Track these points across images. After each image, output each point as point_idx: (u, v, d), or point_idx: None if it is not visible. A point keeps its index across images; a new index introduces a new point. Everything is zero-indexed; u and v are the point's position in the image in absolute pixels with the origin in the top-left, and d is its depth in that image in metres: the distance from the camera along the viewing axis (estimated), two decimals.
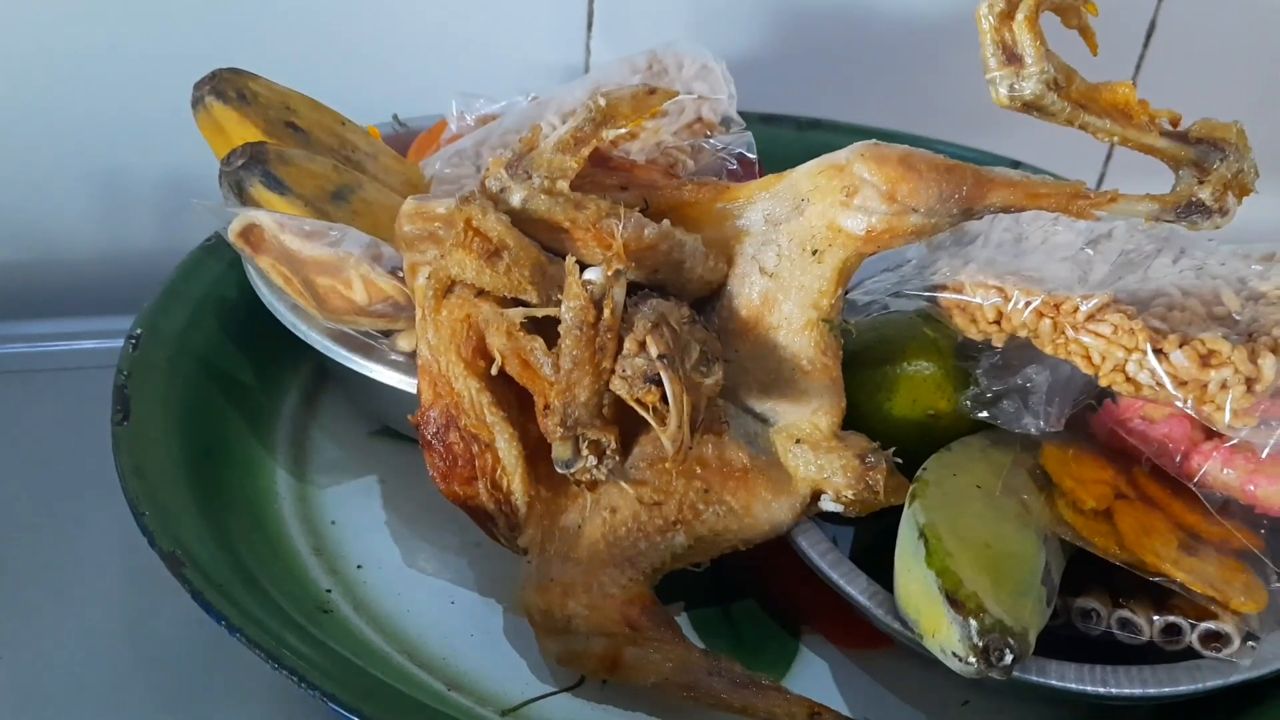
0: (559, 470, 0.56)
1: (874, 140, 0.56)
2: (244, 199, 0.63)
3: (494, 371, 0.56)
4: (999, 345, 0.59)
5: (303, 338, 0.65)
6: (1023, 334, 0.58)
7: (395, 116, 0.84)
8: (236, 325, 0.72)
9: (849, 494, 0.57)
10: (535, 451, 0.57)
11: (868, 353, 0.62)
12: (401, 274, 0.59)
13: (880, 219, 0.54)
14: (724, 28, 0.99)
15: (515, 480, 0.56)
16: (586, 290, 0.53)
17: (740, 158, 0.66)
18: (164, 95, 0.79)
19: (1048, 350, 0.57)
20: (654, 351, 0.53)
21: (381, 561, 0.62)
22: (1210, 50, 0.99)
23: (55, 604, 0.60)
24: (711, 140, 0.66)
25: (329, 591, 0.59)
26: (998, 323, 0.59)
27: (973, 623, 0.48)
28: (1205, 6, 0.98)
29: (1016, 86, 0.49)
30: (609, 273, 0.53)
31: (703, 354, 0.55)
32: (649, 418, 0.53)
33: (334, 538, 0.63)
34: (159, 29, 0.88)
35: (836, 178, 0.55)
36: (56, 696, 0.56)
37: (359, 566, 0.62)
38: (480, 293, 0.55)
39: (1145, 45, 0.99)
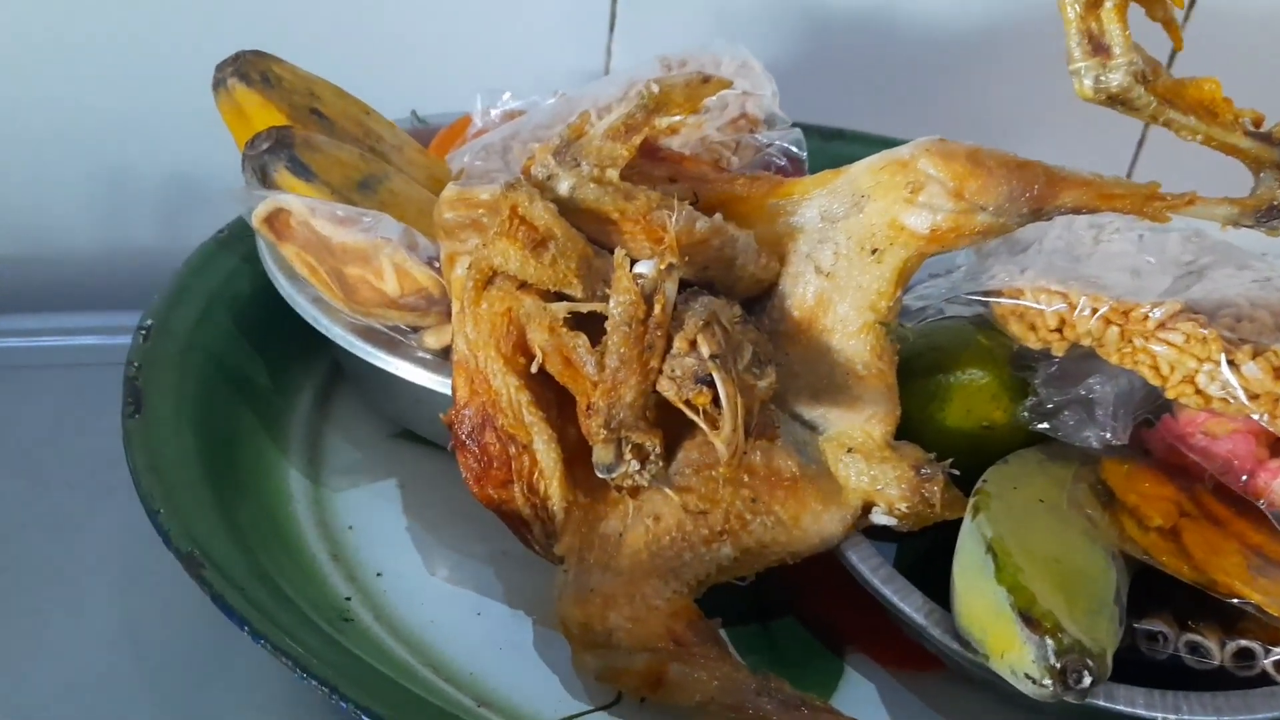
0: (600, 475, 0.52)
1: (939, 136, 0.53)
2: (268, 184, 0.60)
3: (534, 369, 0.53)
4: (1059, 354, 0.57)
5: (324, 331, 0.61)
6: (1086, 342, 0.56)
7: (414, 112, 0.82)
8: (249, 321, 0.69)
9: (903, 506, 0.55)
10: (574, 455, 0.54)
11: (919, 360, 0.59)
12: (437, 265, 0.55)
13: (946, 217, 0.52)
14: (746, 34, 0.96)
15: (553, 484, 0.53)
16: (637, 284, 0.50)
17: (788, 154, 0.63)
18: (173, 90, 0.77)
19: (1113, 359, 0.55)
20: (706, 351, 0.50)
21: (402, 570, 0.59)
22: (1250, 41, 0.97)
23: (54, 605, 0.56)
24: (757, 136, 0.63)
25: (349, 600, 0.56)
26: (1059, 330, 0.56)
27: (1049, 642, 0.46)
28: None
29: (1103, 79, 0.47)
30: (661, 266, 0.50)
31: (755, 355, 0.52)
32: (699, 421, 0.50)
33: (351, 544, 0.60)
34: (170, 21, 0.85)
35: (900, 173, 0.53)
36: (54, 699, 0.52)
37: (379, 574, 0.58)
38: (522, 285, 0.52)
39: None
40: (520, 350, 0.53)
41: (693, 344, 0.51)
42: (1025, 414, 0.57)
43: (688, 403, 0.51)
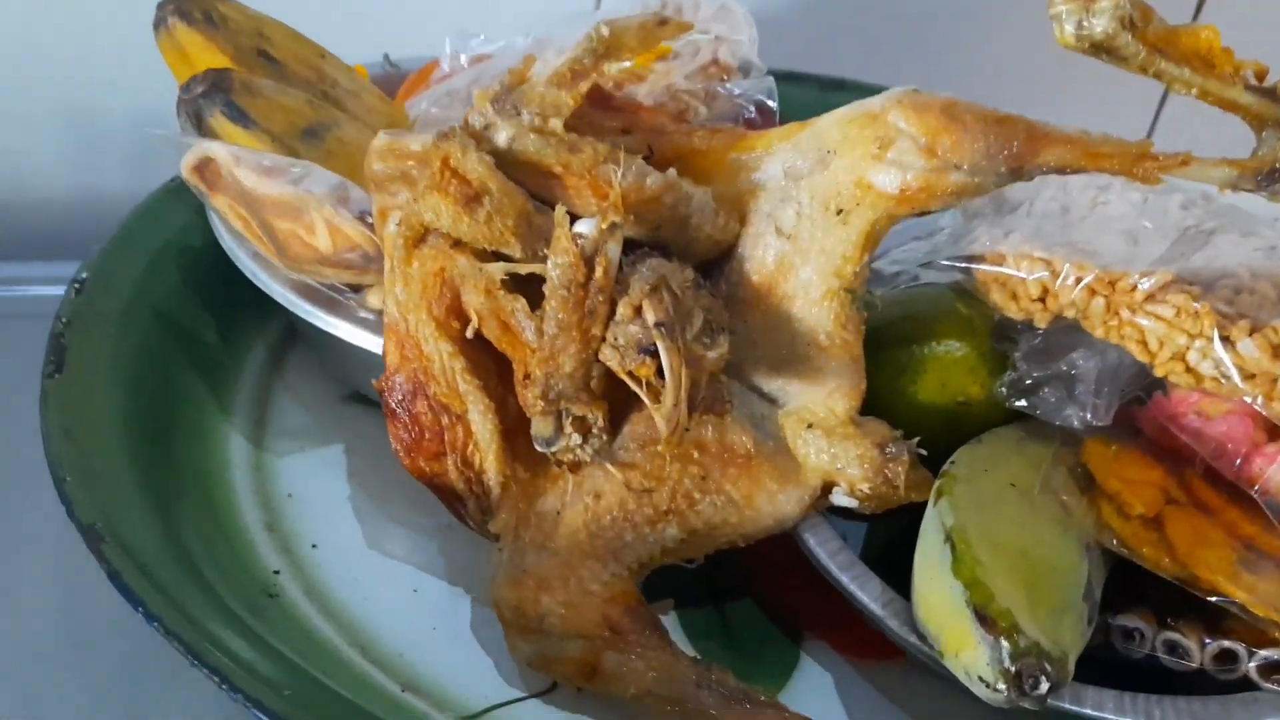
0: (539, 448, 0.49)
1: (913, 88, 0.49)
2: (203, 131, 0.56)
3: (470, 334, 0.50)
4: (1042, 326, 0.52)
5: (263, 289, 0.58)
6: (1070, 314, 0.51)
7: (386, 56, 0.78)
8: (200, 276, 0.65)
9: (865, 487, 0.51)
10: (514, 426, 0.51)
11: (892, 329, 0.55)
12: (371, 220, 0.52)
13: (917, 175, 0.48)
14: None
15: (489, 458, 0.50)
16: (577, 245, 0.46)
17: (760, 105, 0.59)
18: (137, 30, 0.73)
19: (1098, 333, 0.51)
20: (651, 318, 0.47)
21: (340, 542, 0.56)
22: None
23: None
24: (728, 86, 0.59)
25: (277, 573, 0.53)
26: (1042, 300, 0.52)
27: (1005, 644, 0.42)
28: None
29: (1086, 23, 0.42)
30: (603, 226, 0.46)
31: (706, 323, 0.48)
32: (642, 394, 0.47)
33: (290, 513, 0.57)
34: None
35: (869, 127, 0.48)
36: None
37: (314, 546, 0.55)
38: (457, 243, 0.49)
39: None
40: (454, 314, 0.50)
41: (638, 310, 0.47)
42: (1003, 389, 0.53)
43: (631, 374, 0.47)
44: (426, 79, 0.69)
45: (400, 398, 0.50)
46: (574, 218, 0.48)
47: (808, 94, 0.89)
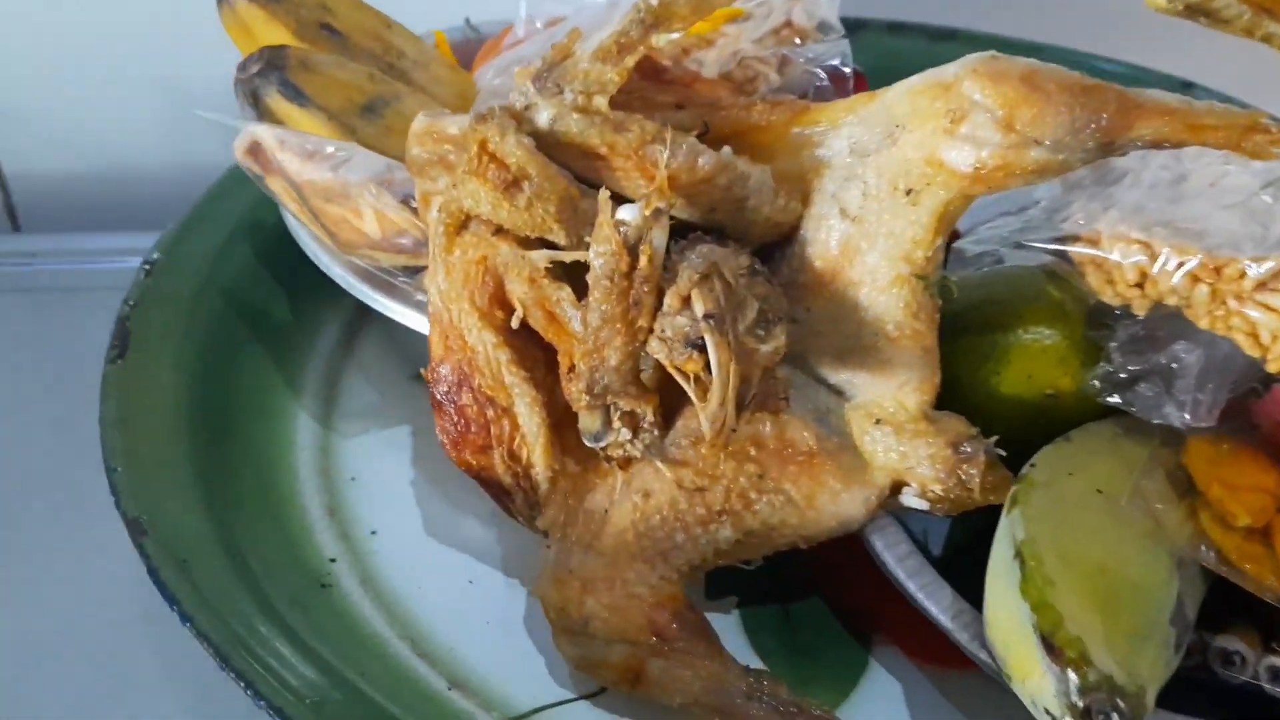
0: (586, 443, 0.47)
1: (992, 53, 0.44)
2: (260, 110, 0.55)
3: (515, 324, 0.47)
4: (1141, 314, 0.47)
5: (324, 270, 0.57)
6: (1171, 302, 0.46)
7: (467, 20, 0.75)
8: (273, 254, 0.65)
9: (937, 489, 0.47)
10: (564, 418, 0.49)
11: (975, 314, 0.51)
12: (415, 204, 0.50)
13: (993, 152, 0.43)
14: None
15: (536, 452, 0.48)
16: (619, 232, 0.44)
17: (832, 72, 0.55)
18: None
19: (1202, 324, 0.45)
20: (699, 310, 0.44)
21: (399, 528, 0.55)
22: None
23: (45, 565, 0.54)
24: (802, 50, 0.55)
25: (334, 561, 0.52)
26: (1140, 286, 0.47)
27: (1073, 676, 0.38)
28: None
29: None
30: (646, 212, 0.43)
31: (761, 314, 0.45)
32: (689, 390, 0.44)
33: (351, 498, 0.56)
34: None
35: (940, 98, 0.44)
36: (52, 655, 0.50)
37: (373, 532, 0.54)
38: (499, 230, 0.47)
39: None
40: (498, 303, 0.48)
41: (686, 301, 0.44)
42: (1096, 383, 0.48)
43: (679, 368, 0.44)
44: (499, 46, 0.67)
45: (446, 389, 0.48)
46: (621, 201, 0.45)
47: (915, 46, 0.84)
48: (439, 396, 0.49)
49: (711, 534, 0.47)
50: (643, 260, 0.44)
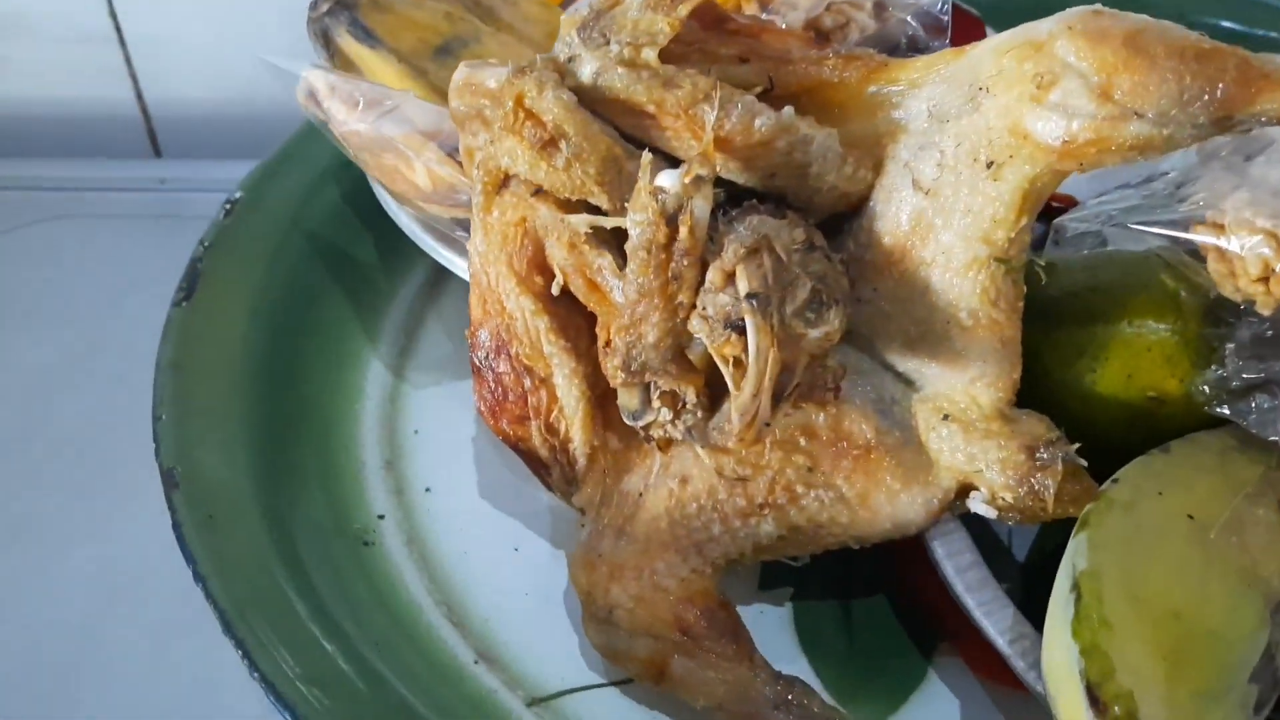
0: (626, 421, 0.44)
1: (1097, 5, 0.38)
2: (331, 51, 0.54)
3: (555, 290, 0.45)
4: (1266, 312, 0.41)
5: (393, 217, 0.56)
6: None
7: None
8: (361, 196, 0.63)
9: (1007, 496, 0.42)
10: (608, 391, 0.46)
11: (1074, 303, 0.45)
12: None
13: (1085, 124, 0.37)
14: None
15: (575, 426, 0.46)
16: (658, 200, 0.40)
17: (926, 19, 0.49)
18: None
19: None
20: (743, 287, 0.40)
21: (455, 486, 0.53)
22: None
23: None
24: None
25: (381, 518, 0.52)
26: (1265, 281, 0.40)
27: None
28: None
29: None
30: (686, 179, 0.40)
31: (814, 294, 0.41)
32: (727, 374, 0.40)
33: (411, 451, 0.55)
34: None
35: (1030, 59, 0.38)
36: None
37: (428, 490, 0.53)
38: (539, 191, 0.44)
39: None
40: (538, 268, 0.45)
41: (731, 277, 0.40)
42: (1205, 388, 0.42)
43: (718, 350, 0.41)
44: None
45: (484, 355, 0.46)
46: (671, 164, 0.42)
47: None
48: (477, 362, 0.46)
49: (752, 528, 0.44)
50: (683, 231, 0.40)
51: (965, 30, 0.53)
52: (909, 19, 0.48)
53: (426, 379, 0.59)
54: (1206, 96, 0.36)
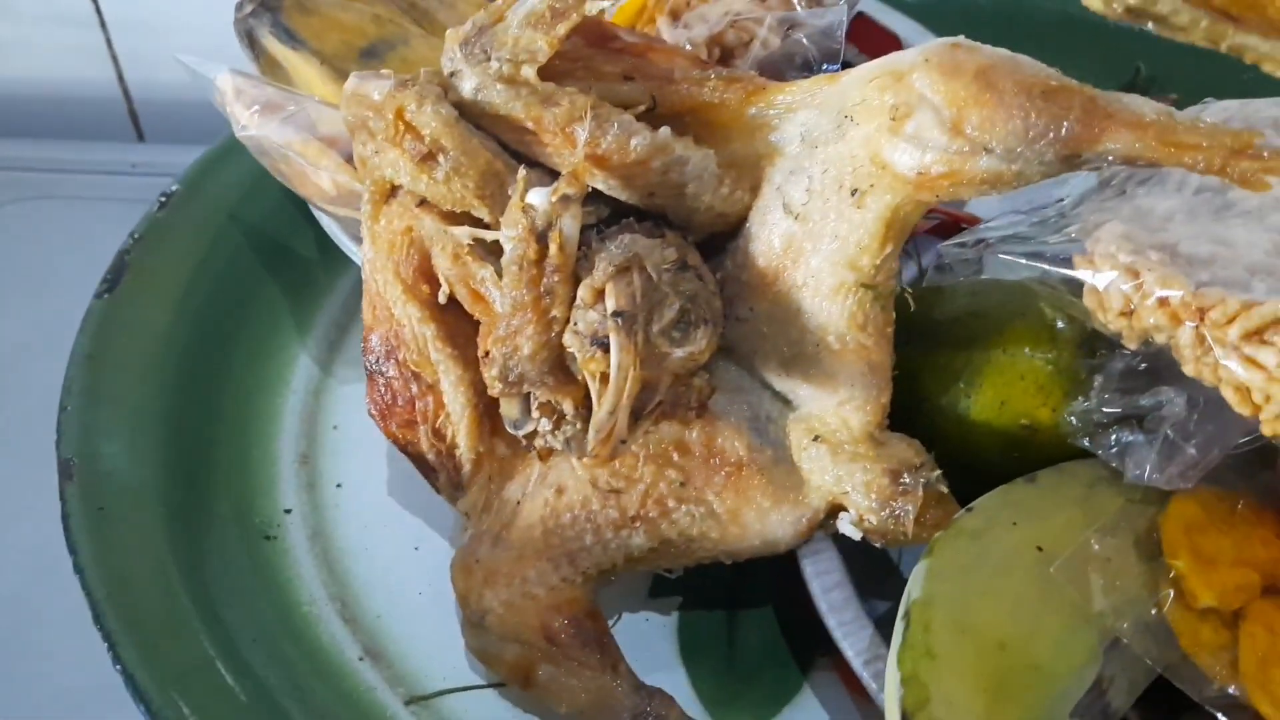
0: (509, 430, 0.45)
1: (957, 39, 0.38)
2: (257, 52, 0.54)
3: (442, 299, 0.46)
4: (1131, 346, 0.41)
5: (316, 215, 0.57)
6: (1159, 339, 0.40)
7: None
8: None
9: (871, 519, 0.43)
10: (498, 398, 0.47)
11: (954, 328, 0.46)
12: None
13: (937, 157, 0.38)
14: None
15: (461, 432, 0.46)
16: (528, 217, 0.41)
17: (823, 41, 0.49)
18: None
19: (1187, 369, 0.39)
20: (610, 305, 0.41)
21: (365, 483, 0.55)
22: None
23: None
24: (812, 13, 0.49)
25: (288, 512, 0.53)
26: (1128, 315, 0.40)
27: None
28: None
29: None
30: (554, 198, 0.40)
31: (683, 313, 0.42)
32: (593, 390, 0.41)
33: (328, 447, 0.56)
34: None
35: (890, 89, 0.39)
36: None
37: (339, 485, 0.55)
38: (423, 202, 0.44)
39: None
40: (424, 277, 0.46)
41: (601, 294, 0.41)
42: (1071, 420, 0.42)
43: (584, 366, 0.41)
44: None
45: (375, 359, 0.47)
46: (557, 177, 0.42)
47: None
48: (369, 366, 0.47)
49: (623, 539, 0.44)
50: (552, 248, 0.41)
51: (880, 46, 0.53)
52: (804, 39, 0.48)
53: (352, 374, 0.60)
54: (1052, 134, 0.36)
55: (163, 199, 0.60)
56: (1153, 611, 0.38)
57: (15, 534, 0.54)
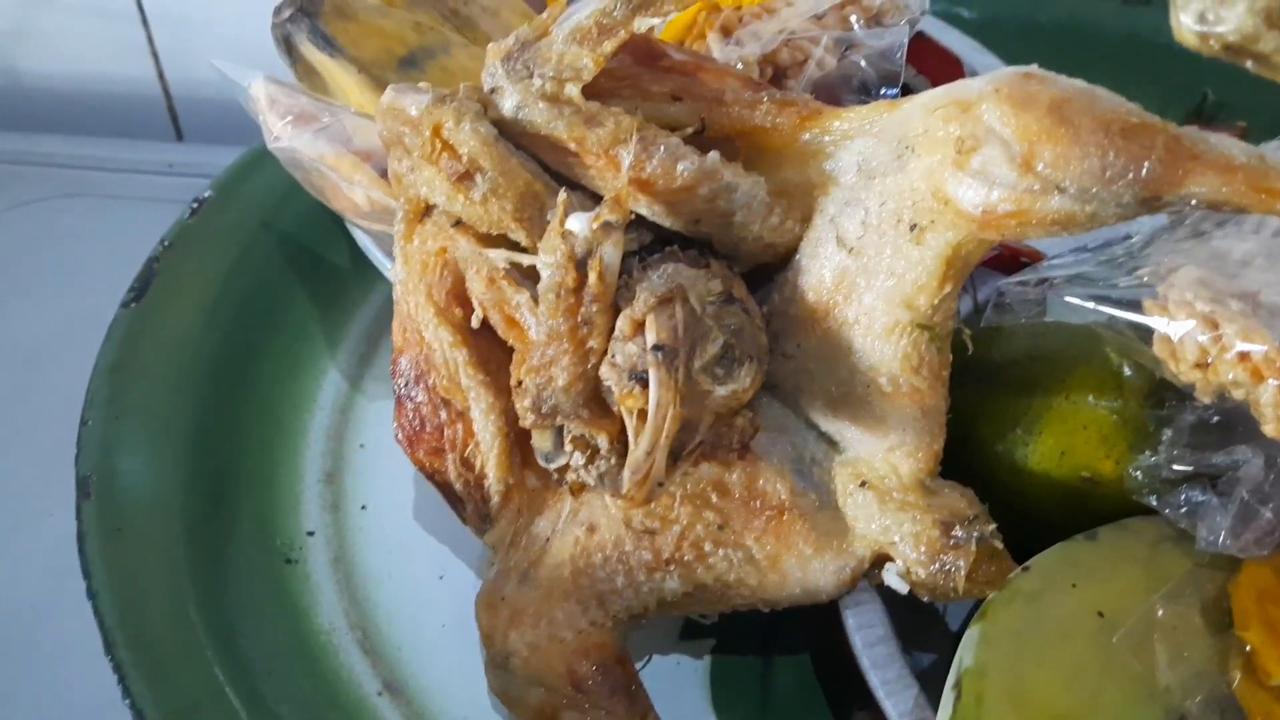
0: (540, 462, 0.43)
1: (1031, 69, 0.36)
2: (294, 59, 0.53)
3: (475, 324, 0.44)
4: (1205, 400, 0.38)
5: (349, 229, 0.55)
6: (1237, 395, 0.37)
7: None
8: None
9: (919, 572, 0.40)
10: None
11: (1014, 370, 0.43)
12: None
13: (1005, 195, 0.35)
14: None
15: (490, 462, 0.44)
16: (567, 243, 0.39)
17: (881, 63, 0.46)
18: None
19: (1268, 429, 0.36)
20: (651, 339, 0.38)
21: (391, 506, 0.53)
22: None
23: None
24: (872, 33, 0.47)
25: (311, 534, 0.51)
26: (1204, 368, 0.38)
27: None
28: None
29: (1211, 15, 0.28)
30: (595, 225, 0.38)
31: (726, 349, 0.40)
32: (629, 426, 0.39)
33: (354, 465, 0.55)
34: None
35: (955, 120, 0.36)
36: None
37: (364, 507, 0.53)
38: (459, 222, 0.43)
39: None
40: (457, 300, 0.44)
41: (640, 326, 0.39)
42: (1136, 475, 0.40)
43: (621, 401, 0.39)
44: None
45: (404, 383, 0.45)
46: (599, 200, 0.40)
47: (1105, 9, 0.73)
48: (397, 390, 0.46)
49: (656, 583, 0.42)
50: (592, 277, 0.39)
51: (938, 65, 0.50)
52: (861, 61, 0.46)
53: (382, 390, 0.58)
54: (1131, 175, 0.33)
55: (194, 205, 0.59)
56: (1223, 688, 0.36)
57: (30, 548, 0.53)
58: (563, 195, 0.40)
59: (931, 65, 0.51)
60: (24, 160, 0.80)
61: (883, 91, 0.46)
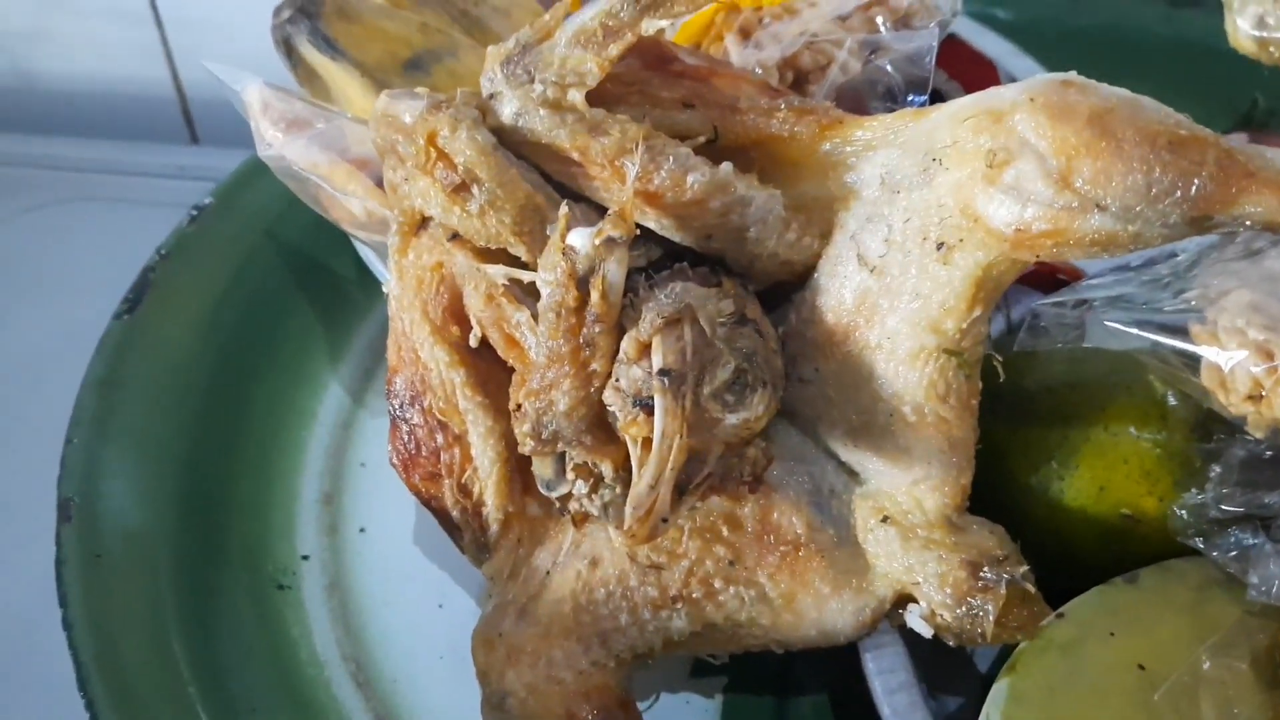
0: (541, 490, 0.41)
1: (1069, 75, 0.33)
2: (294, 61, 0.51)
3: (473, 343, 0.41)
4: (1258, 434, 0.35)
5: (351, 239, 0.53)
6: None
7: None
8: None
9: (945, 616, 0.38)
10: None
11: (1048, 398, 0.40)
12: None
13: (1040, 213, 0.32)
14: None
15: (489, 489, 0.42)
16: (568, 260, 0.36)
17: (909, 68, 0.43)
18: None
19: None
20: (657, 362, 0.36)
21: (391, 528, 0.51)
22: None
23: None
24: (880, 36, 0.44)
25: (305, 559, 0.49)
26: (1256, 400, 0.35)
27: None
28: None
29: (1272, 19, 0.25)
30: (597, 241, 0.36)
31: (738, 374, 0.37)
32: (634, 455, 0.36)
33: (354, 485, 0.52)
34: None
35: (987, 131, 0.33)
36: None
37: (362, 530, 0.51)
38: (455, 236, 0.40)
39: None
40: (454, 317, 0.41)
41: (646, 348, 0.36)
42: (1181, 514, 0.37)
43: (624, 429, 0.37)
44: None
45: (399, 404, 0.43)
46: (604, 213, 0.38)
47: (1152, 13, 0.69)
48: (392, 411, 0.43)
49: (662, 621, 0.40)
50: (594, 296, 0.36)
51: (971, 70, 0.47)
52: (888, 65, 0.43)
53: (385, 406, 0.56)
54: (1179, 193, 0.30)
55: (194, 212, 0.57)
56: None
57: (17, 570, 0.50)
58: (564, 208, 0.37)
59: (965, 69, 0.48)
60: (35, 164, 0.78)
61: (910, 98, 0.44)
